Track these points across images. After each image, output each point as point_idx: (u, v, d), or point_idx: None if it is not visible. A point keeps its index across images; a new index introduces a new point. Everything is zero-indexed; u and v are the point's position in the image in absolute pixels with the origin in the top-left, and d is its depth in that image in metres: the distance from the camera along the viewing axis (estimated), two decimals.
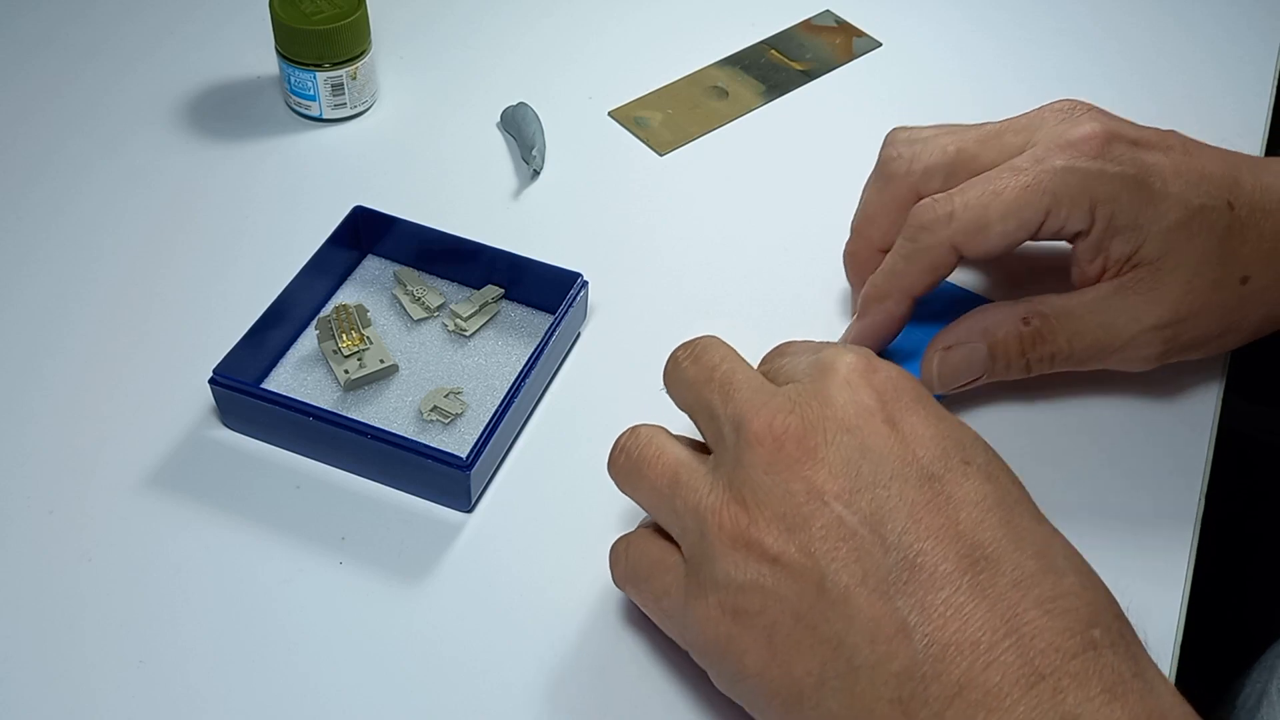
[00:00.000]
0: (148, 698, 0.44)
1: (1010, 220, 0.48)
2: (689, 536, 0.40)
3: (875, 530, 0.37)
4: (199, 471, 0.51)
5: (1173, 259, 0.49)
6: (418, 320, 0.57)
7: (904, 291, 0.51)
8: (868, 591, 0.36)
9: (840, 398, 0.39)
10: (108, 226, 0.61)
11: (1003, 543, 0.36)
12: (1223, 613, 0.61)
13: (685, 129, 0.68)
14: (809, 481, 0.38)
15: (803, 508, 0.38)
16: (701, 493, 0.40)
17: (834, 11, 0.76)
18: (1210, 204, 0.49)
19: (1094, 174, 0.48)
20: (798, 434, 0.39)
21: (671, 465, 0.42)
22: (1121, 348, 0.51)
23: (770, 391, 0.41)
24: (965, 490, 0.37)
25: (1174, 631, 0.48)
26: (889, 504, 0.37)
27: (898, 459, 0.38)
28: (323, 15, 0.63)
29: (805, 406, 0.39)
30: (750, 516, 0.38)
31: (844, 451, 0.38)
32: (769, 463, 0.38)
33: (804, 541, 0.37)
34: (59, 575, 0.48)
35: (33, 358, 0.55)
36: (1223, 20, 0.76)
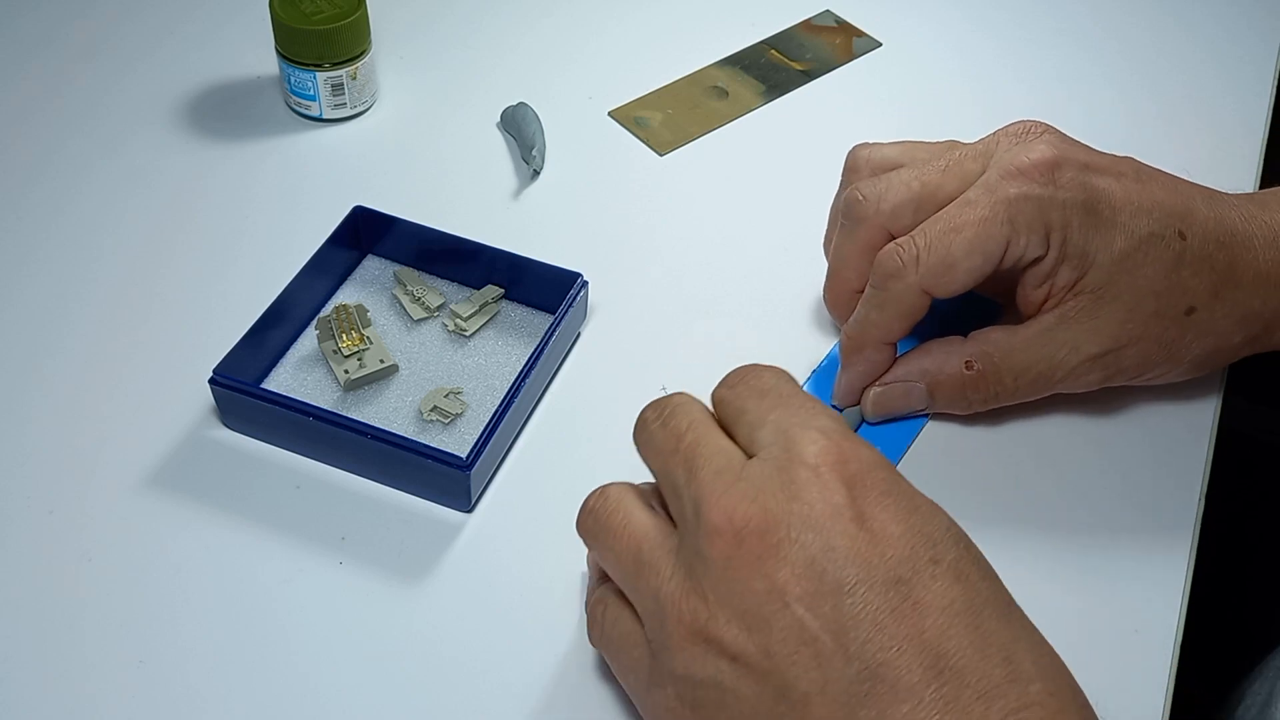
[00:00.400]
0: (148, 698, 0.44)
1: (975, 256, 0.48)
2: (650, 620, 0.39)
3: (838, 638, 0.35)
4: (199, 471, 0.51)
5: (1115, 288, 0.49)
6: (418, 320, 0.57)
7: (880, 340, 0.51)
8: (828, 701, 0.35)
9: (807, 492, 0.37)
10: (108, 226, 0.61)
11: (968, 651, 0.35)
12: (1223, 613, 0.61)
13: (685, 129, 0.68)
14: (770, 580, 0.36)
15: (764, 607, 0.36)
16: (663, 577, 0.39)
17: (834, 11, 0.76)
18: (1160, 232, 0.49)
19: (1046, 200, 0.48)
20: (759, 528, 0.37)
21: (636, 540, 0.40)
22: (1063, 379, 0.51)
23: (734, 473, 0.38)
24: (933, 594, 0.36)
25: (1174, 632, 0.48)
26: (853, 611, 0.36)
27: (864, 562, 0.36)
28: (323, 15, 0.63)
29: (769, 496, 0.37)
30: (710, 611, 0.37)
31: (808, 551, 0.36)
32: (728, 558, 0.37)
33: (764, 643, 0.36)
34: (59, 575, 0.48)
35: (33, 358, 0.55)
36: (1223, 20, 0.76)
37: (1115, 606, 0.48)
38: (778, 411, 0.40)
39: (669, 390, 0.54)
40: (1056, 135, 0.51)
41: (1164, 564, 0.50)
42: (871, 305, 0.51)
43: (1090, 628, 0.48)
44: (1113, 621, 0.48)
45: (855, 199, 0.51)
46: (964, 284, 0.49)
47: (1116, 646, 0.47)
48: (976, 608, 0.36)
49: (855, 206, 0.51)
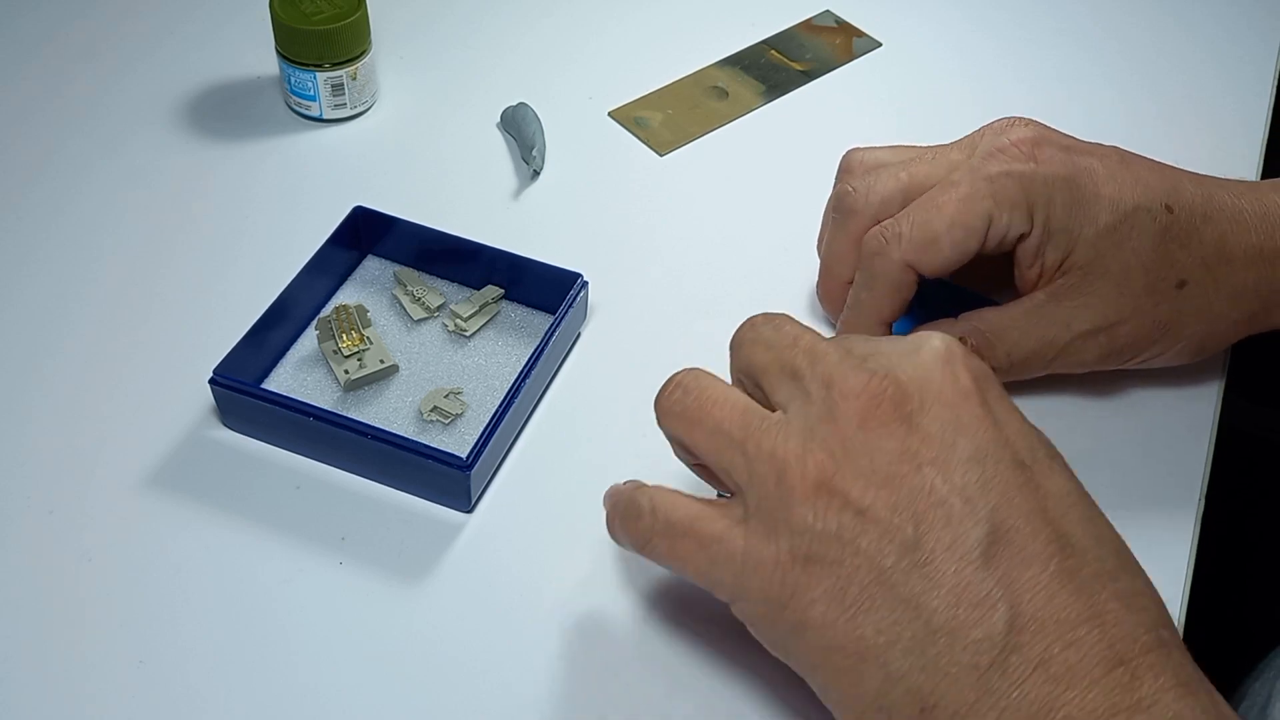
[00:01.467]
0: (148, 698, 0.44)
1: (956, 229, 0.49)
2: (759, 483, 0.39)
3: (968, 502, 0.37)
4: (199, 471, 0.51)
5: (1103, 263, 0.49)
6: (418, 320, 0.57)
7: (874, 321, 0.52)
8: (955, 558, 0.36)
9: (937, 373, 0.39)
10: (107, 226, 0.61)
11: (1087, 536, 0.37)
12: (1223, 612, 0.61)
13: (685, 129, 0.68)
14: (903, 443, 0.37)
15: (895, 466, 0.37)
16: (780, 438, 0.39)
17: (834, 11, 0.76)
18: (1146, 205, 0.49)
19: (1027, 176, 0.49)
20: (895, 398, 0.38)
21: (741, 408, 0.40)
22: (1057, 355, 0.51)
23: (861, 358, 0.40)
24: (1053, 482, 0.38)
25: None
26: (982, 479, 0.37)
27: (992, 440, 0.38)
28: (323, 15, 0.63)
29: (902, 373, 0.39)
30: (837, 465, 0.37)
31: (940, 424, 0.38)
32: (863, 419, 0.38)
33: (893, 499, 0.37)
34: (59, 575, 0.48)
35: (33, 358, 0.55)
36: (1223, 20, 0.76)
37: None
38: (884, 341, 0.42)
39: None
40: (1037, 122, 0.51)
41: (1164, 563, 0.50)
42: (861, 286, 0.51)
43: None
44: None
45: (845, 192, 0.52)
46: (948, 259, 0.49)
47: None
48: (1090, 504, 0.39)
49: (845, 199, 0.52)
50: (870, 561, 0.37)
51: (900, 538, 0.36)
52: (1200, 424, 0.54)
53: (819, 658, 0.38)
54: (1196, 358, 0.53)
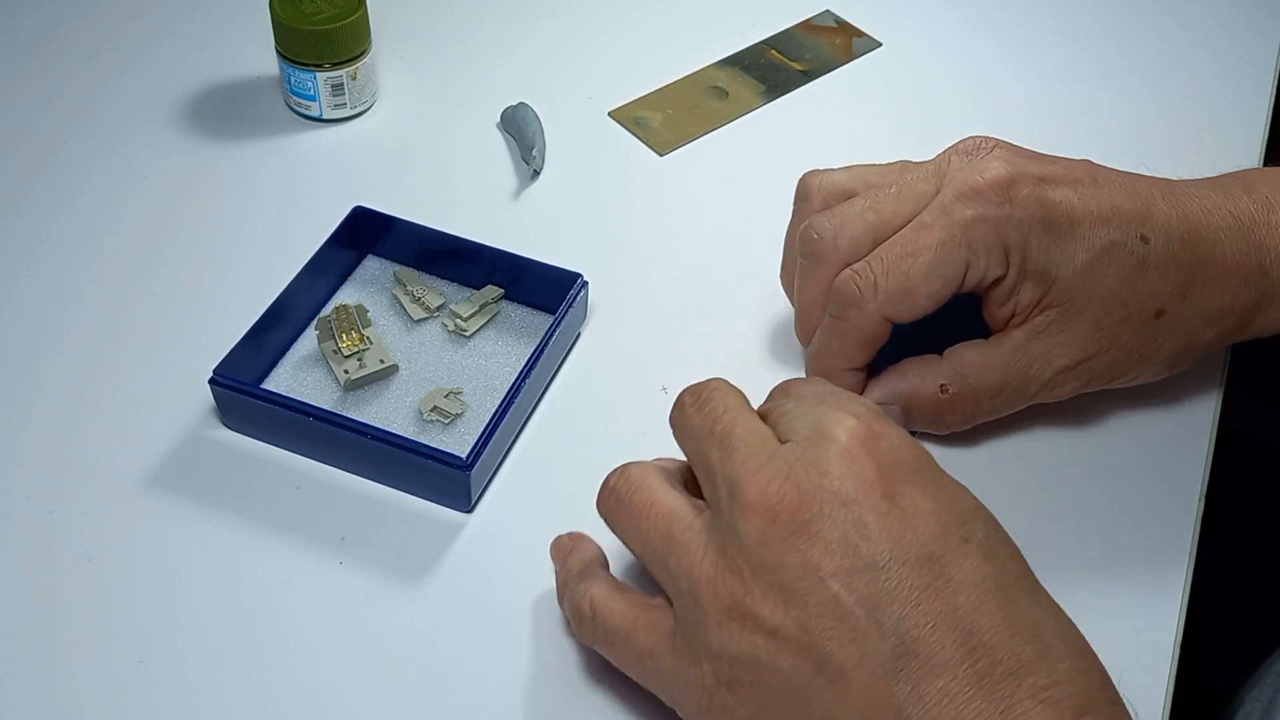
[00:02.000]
0: (148, 698, 0.44)
1: (934, 280, 0.48)
2: (682, 599, 0.40)
3: (872, 614, 0.36)
4: (199, 471, 0.51)
5: (1080, 300, 0.49)
6: (418, 320, 0.57)
7: (844, 368, 0.51)
8: (864, 674, 0.36)
9: (838, 469, 0.38)
10: (107, 226, 0.61)
11: (1000, 629, 0.36)
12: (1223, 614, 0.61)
13: (685, 129, 0.68)
14: (804, 556, 0.37)
15: (799, 583, 0.37)
16: (695, 556, 0.39)
17: (834, 11, 0.76)
18: (1121, 240, 0.48)
19: (1002, 220, 0.48)
20: (792, 505, 0.38)
21: (665, 518, 0.41)
22: (1037, 392, 0.51)
23: (768, 453, 0.39)
24: (965, 572, 0.37)
25: (1174, 631, 0.48)
26: (886, 587, 0.36)
27: (896, 538, 0.37)
28: (323, 15, 0.63)
29: (802, 475, 0.38)
30: (746, 587, 0.38)
31: (841, 527, 0.37)
32: (762, 534, 0.38)
33: (801, 617, 0.37)
34: (59, 575, 0.48)
35: (33, 358, 0.55)
36: (1223, 20, 0.76)
37: (1115, 606, 0.48)
38: (814, 405, 0.41)
39: (669, 391, 0.55)
40: (1008, 150, 0.50)
41: (1164, 564, 0.50)
42: (833, 335, 0.51)
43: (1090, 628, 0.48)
44: (1113, 621, 0.48)
45: (810, 238, 0.51)
46: (924, 309, 0.49)
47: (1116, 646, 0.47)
48: (1006, 586, 0.37)
49: (812, 245, 0.51)
50: (787, 681, 0.37)
51: (812, 655, 0.37)
52: (1200, 424, 0.54)
53: None
54: (1170, 373, 0.52)
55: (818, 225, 0.51)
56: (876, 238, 0.50)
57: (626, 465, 0.44)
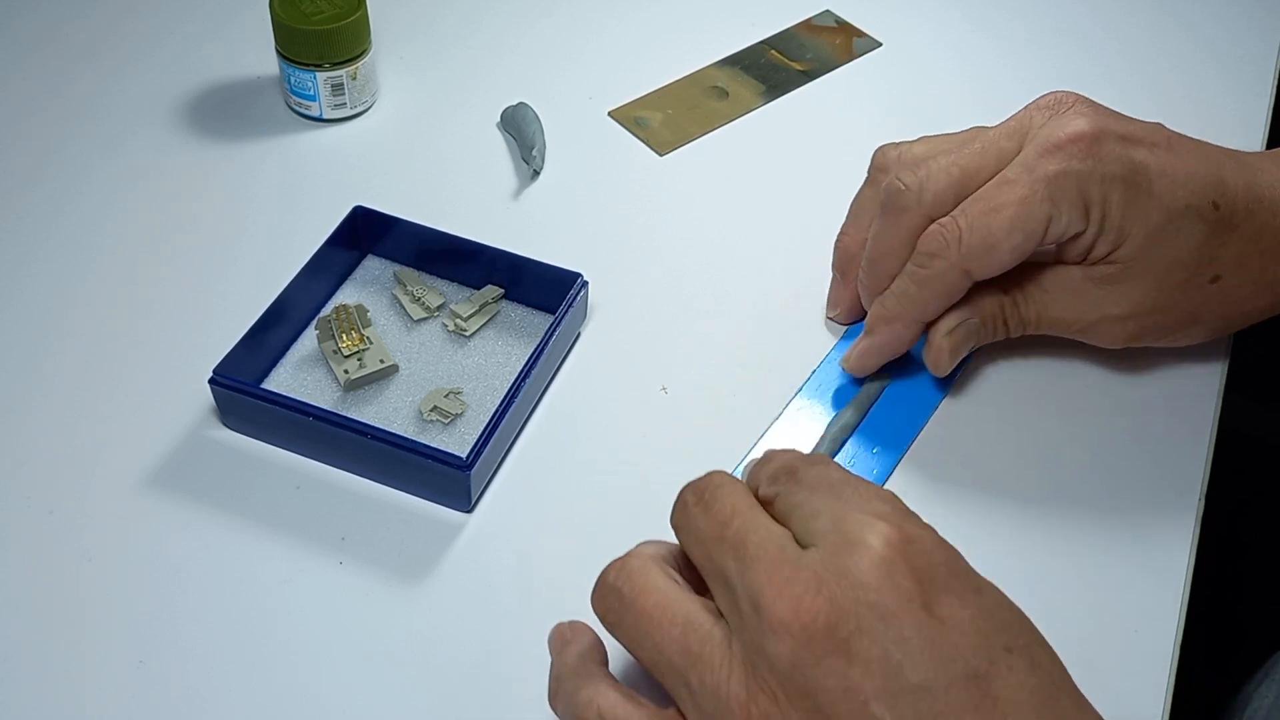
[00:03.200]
0: (148, 698, 0.44)
1: (1016, 234, 0.48)
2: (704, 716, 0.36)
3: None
4: (199, 471, 0.51)
5: (1145, 260, 0.49)
6: (418, 320, 0.57)
7: (915, 317, 0.51)
8: None
9: (874, 579, 0.35)
10: (107, 226, 0.61)
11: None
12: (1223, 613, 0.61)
13: (685, 129, 0.68)
14: (844, 678, 0.34)
15: (839, 707, 0.34)
16: (721, 675, 0.36)
17: (834, 11, 0.76)
18: (1196, 205, 0.49)
19: (1086, 175, 0.48)
20: (828, 623, 0.35)
21: (680, 627, 0.37)
22: (1084, 329, 0.52)
23: (793, 563, 0.36)
24: (1011, 687, 0.35)
25: (1174, 632, 0.48)
26: (933, 709, 0.34)
27: (939, 655, 0.35)
28: (323, 15, 0.63)
29: (835, 588, 0.35)
30: (783, 713, 0.35)
31: (880, 645, 0.34)
32: (796, 655, 0.35)
33: None
34: (59, 575, 0.48)
35: (32, 358, 0.55)
36: (1223, 20, 0.76)
37: (1115, 606, 0.48)
38: (831, 500, 0.38)
39: (669, 391, 0.55)
40: (1090, 105, 0.51)
41: (1164, 564, 0.50)
42: (913, 281, 0.51)
43: (1090, 628, 0.48)
44: (1113, 621, 0.48)
45: (897, 188, 0.51)
46: (1005, 263, 0.49)
47: (1116, 646, 0.47)
48: (1054, 697, 0.36)
49: (898, 196, 0.51)
50: None
51: None
52: (1200, 424, 0.54)
53: None
54: (1214, 337, 0.53)
55: (904, 177, 0.51)
56: (960, 193, 0.50)
57: (625, 559, 0.40)
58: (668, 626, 0.37)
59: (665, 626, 0.37)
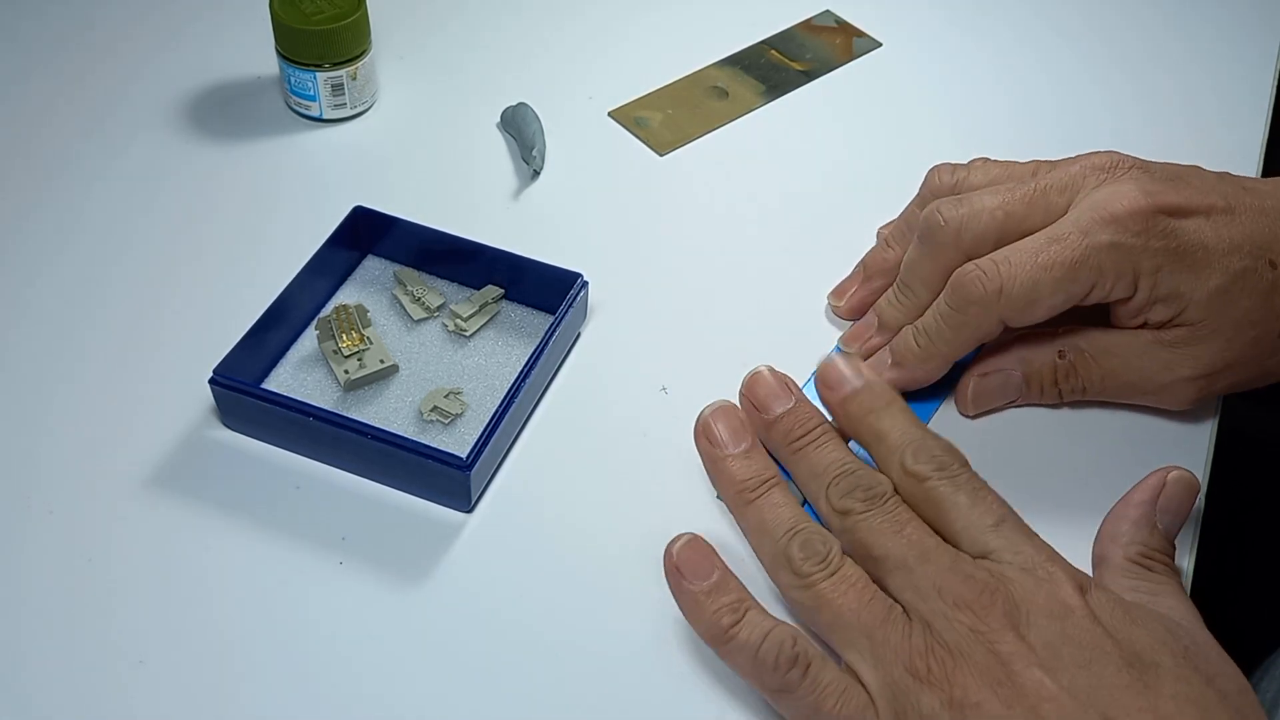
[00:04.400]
0: (148, 698, 0.44)
1: (1059, 295, 0.49)
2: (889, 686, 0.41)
3: (1077, 699, 0.38)
4: (199, 471, 0.51)
5: (1213, 321, 0.50)
6: (418, 320, 0.57)
7: (947, 357, 0.52)
8: None
9: (1044, 590, 0.41)
10: (109, 227, 0.61)
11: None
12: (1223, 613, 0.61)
13: (685, 129, 0.68)
14: (1014, 647, 0.39)
15: (1007, 666, 0.39)
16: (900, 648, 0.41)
17: (834, 11, 0.76)
18: (1252, 266, 0.49)
19: (1139, 250, 0.49)
20: (1004, 606, 0.40)
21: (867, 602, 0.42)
22: (1155, 392, 0.52)
23: (971, 566, 0.42)
24: (1167, 686, 0.39)
25: None
26: (1090, 682, 0.39)
27: (1099, 647, 0.39)
28: (323, 15, 0.63)
29: (1009, 583, 0.41)
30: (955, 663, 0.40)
31: (1046, 635, 0.40)
32: (973, 627, 0.40)
33: (1007, 695, 0.39)
34: (59, 575, 0.48)
35: (33, 358, 0.55)
36: (1221, 23, 0.76)
37: None
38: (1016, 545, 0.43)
39: (669, 391, 0.55)
40: (1144, 174, 0.51)
41: None
42: (948, 325, 0.51)
43: None
44: None
45: (937, 223, 0.51)
46: (1042, 319, 0.50)
47: None
48: (1204, 704, 0.39)
49: (937, 232, 0.51)
50: None
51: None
52: (1200, 425, 0.54)
53: None
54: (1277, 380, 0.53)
55: (946, 211, 0.51)
56: (1000, 240, 0.50)
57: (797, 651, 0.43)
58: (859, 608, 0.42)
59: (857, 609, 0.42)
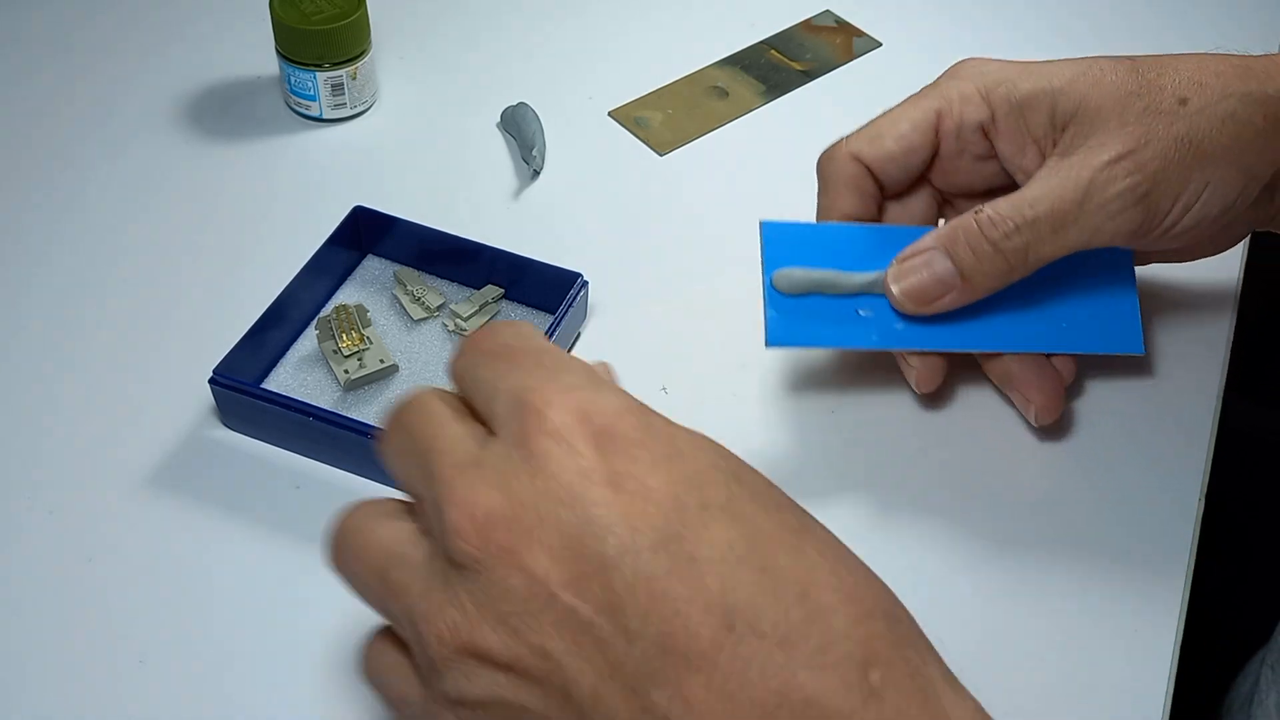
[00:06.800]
0: (148, 697, 0.44)
1: (901, 122, 0.52)
2: (414, 646, 0.35)
3: (614, 616, 0.32)
4: (199, 471, 0.51)
5: (1094, 101, 0.48)
6: (418, 320, 0.57)
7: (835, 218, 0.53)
8: (618, 689, 0.31)
9: (552, 462, 0.33)
10: (108, 227, 0.61)
11: (759, 598, 0.32)
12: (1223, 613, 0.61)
13: (685, 129, 0.68)
14: (529, 573, 0.32)
15: (527, 604, 0.32)
16: (414, 594, 0.34)
17: (834, 11, 0.76)
18: (1101, 58, 0.50)
19: (977, 72, 0.52)
20: (505, 518, 0.32)
21: (380, 558, 0.35)
22: (1085, 196, 0.48)
23: (472, 458, 0.34)
24: (707, 544, 0.32)
25: (1174, 632, 0.48)
26: (624, 584, 0.32)
27: (627, 528, 0.32)
28: (323, 15, 0.63)
29: (512, 478, 0.33)
30: (470, 621, 0.33)
31: (563, 530, 0.32)
32: (478, 558, 0.32)
33: (536, 642, 0.32)
34: (59, 575, 0.48)
35: (33, 358, 0.55)
36: (1220, 27, 0.76)
37: (1115, 606, 0.48)
38: (514, 374, 0.35)
39: (669, 391, 0.55)
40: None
41: (1164, 564, 0.50)
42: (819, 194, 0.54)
43: (1090, 628, 0.48)
44: (1113, 621, 0.48)
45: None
46: (892, 150, 0.52)
47: (1116, 646, 0.47)
48: (760, 547, 0.33)
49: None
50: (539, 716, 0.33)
51: (557, 683, 0.32)
52: (1200, 424, 0.54)
53: None
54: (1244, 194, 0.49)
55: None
56: None
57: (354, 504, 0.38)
58: (368, 560, 0.36)
59: (365, 560, 0.36)
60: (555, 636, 0.32)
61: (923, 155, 0.52)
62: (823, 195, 0.53)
